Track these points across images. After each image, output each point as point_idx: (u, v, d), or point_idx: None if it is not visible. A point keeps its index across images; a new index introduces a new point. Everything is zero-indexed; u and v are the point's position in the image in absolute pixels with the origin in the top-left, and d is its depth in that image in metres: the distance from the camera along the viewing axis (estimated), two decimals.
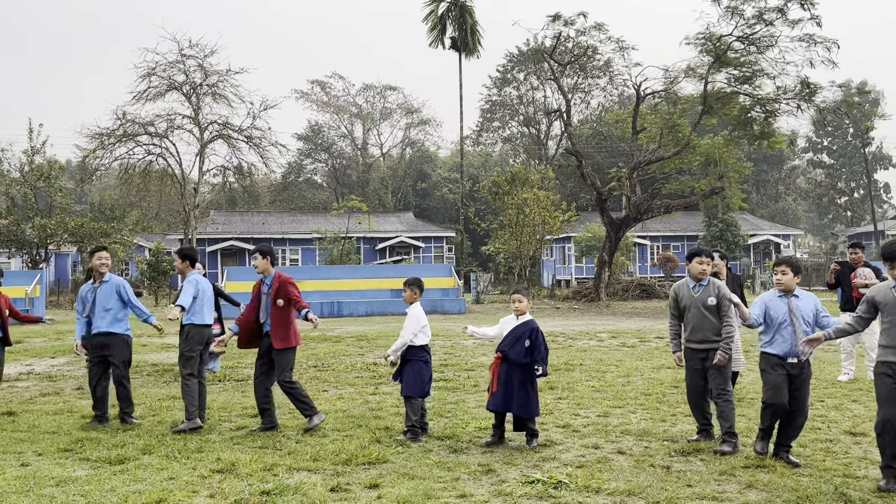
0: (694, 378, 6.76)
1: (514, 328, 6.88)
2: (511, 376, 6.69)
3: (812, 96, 27.40)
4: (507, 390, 6.67)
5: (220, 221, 47.50)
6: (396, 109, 65.92)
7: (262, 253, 7.54)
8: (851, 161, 64.35)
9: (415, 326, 7.08)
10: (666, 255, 46.45)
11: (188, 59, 36.46)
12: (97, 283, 7.85)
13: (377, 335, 17.38)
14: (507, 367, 6.73)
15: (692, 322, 6.72)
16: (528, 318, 6.93)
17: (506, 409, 6.70)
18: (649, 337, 16.74)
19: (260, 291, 7.48)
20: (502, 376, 6.73)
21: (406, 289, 7.31)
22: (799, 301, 6.16)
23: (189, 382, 7.47)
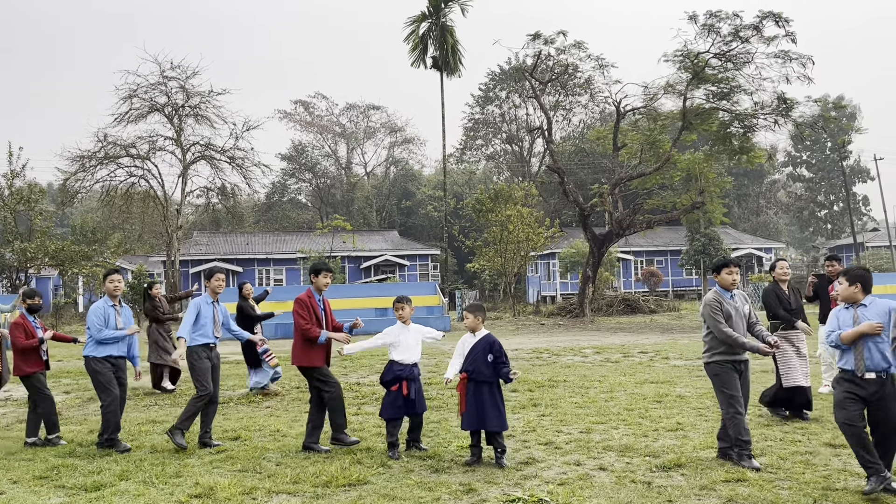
0: (738, 387, 6.64)
1: (473, 346, 6.88)
2: (480, 393, 6.71)
3: (789, 111, 27.79)
4: (479, 408, 6.68)
5: (203, 242, 47.23)
6: (380, 128, 66.14)
7: (329, 272, 7.86)
8: (830, 174, 65.21)
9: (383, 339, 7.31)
10: (650, 270, 46.74)
11: (170, 81, 36.45)
12: (118, 306, 7.90)
13: (361, 355, 17.29)
14: (474, 386, 6.74)
15: (735, 331, 6.68)
16: (484, 332, 6.95)
17: (480, 426, 6.72)
18: (633, 352, 16.77)
19: (319, 307, 7.63)
20: (471, 395, 6.75)
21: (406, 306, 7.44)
22: (867, 311, 5.73)
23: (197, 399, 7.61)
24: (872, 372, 5.53)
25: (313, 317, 7.46)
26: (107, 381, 7.65)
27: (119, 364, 7.82)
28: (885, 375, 5.54)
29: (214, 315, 7.83)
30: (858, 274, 5.84)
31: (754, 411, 8.78)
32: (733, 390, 6.58)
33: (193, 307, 7.76)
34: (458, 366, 7.02)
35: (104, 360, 7.68)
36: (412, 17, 44.21)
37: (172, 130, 37.47)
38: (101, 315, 7.72)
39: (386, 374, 7.29)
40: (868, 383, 5.53)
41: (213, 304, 7.88)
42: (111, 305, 7.82)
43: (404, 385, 7.11)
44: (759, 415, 8.65)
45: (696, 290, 47.61)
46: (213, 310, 7.85)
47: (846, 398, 5.58)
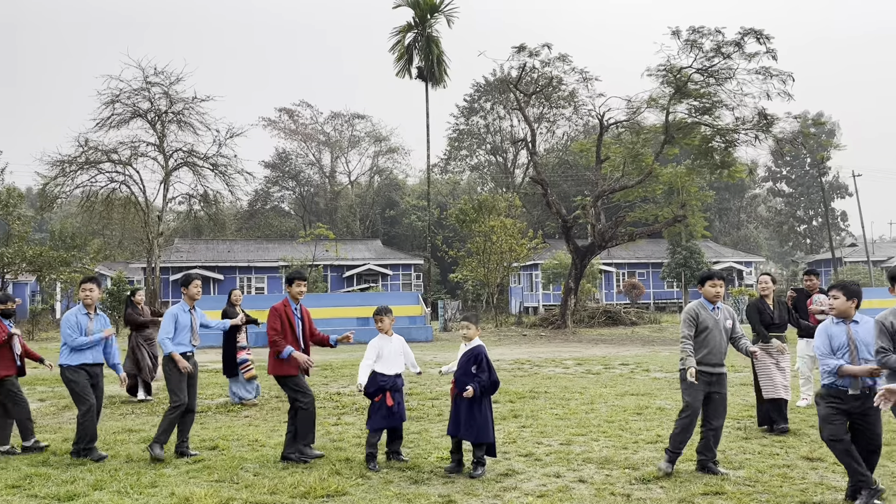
0: (701, 399, 6.68)
1: (463, 354, 6.97)
2: (461, 402, 6.78)
3: (769, 127, 28.16)
4: (457, 415, 6.77)
5: (184, 249, 46.88)
6: (365, 137, 66.10)
7: (305, 280, 7.75)
8: (809, 190, 66.05)
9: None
10: (631, 282, 46.98)
11: (153, 87, 36.21)
12: (92, 314, 7.76)
13: (342, 364, 17.21)
14: (458, 394, 6.82)
15: (711, 344, 6.69)
16: (476, 343, 6.99)
17: (455, 433, 6.77)
18: (614, 364, 16.83)
19: (295, 317, 7.50)
20: (461, 405, 6.81)
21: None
22: (860, 328, 5.71)
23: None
24: (867, 388, 5.57)
25: (286, 327, 7.38)
26: (82, 389, 7.52)
27: (94, 371, 7.68)
28: (868, 392, 5.58)
29: (192, 323, 7.76)
30: (855, 289, 5.83)
31: (732, 424, 8.82)
32: (690, 398, 6.65)
33: (171, 317, 7.70)
34: (451, 368, 7.10)
35: (79, 369, 7.55)
36: (398, 28, 44.36)
37: (155, 136, 37.20)
38: (73, 324, 7.58)
39: (369, 385, 7.26)
40: (852, 398, 5.57)
41: (189, 312, 7.80)
42: (84, 314, 7.68)
43: (388, 396, 7.09)
44: (737, 427, 8.69)
45: (677, 302, 47.91)
46: (191, 317, 7.78)
47: (832, 413, 5.60)
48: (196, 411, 7.97)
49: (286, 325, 7.39)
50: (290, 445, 7.35)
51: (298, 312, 7.57)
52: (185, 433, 7.66)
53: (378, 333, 7.42)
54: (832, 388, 5.65)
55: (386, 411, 7.07)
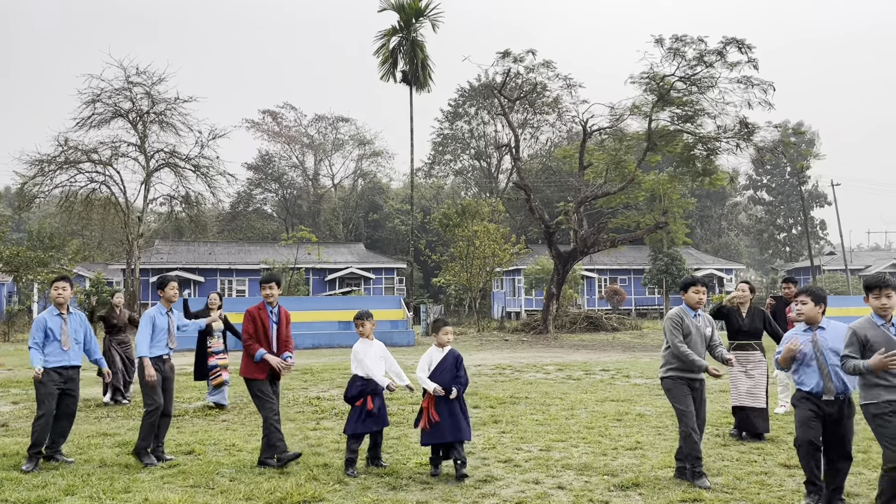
0: (690, 403, 6.68)
1: (442, 360, 6.99)
2: (452, 405, 6.81)
3: (750, 135, 28.40)
4: (454, 419, 6.76)
5: (164, 251, 46.45)
6: (348, 141, 65.94)
7: (278, 283, 7.54)
8: (789, 198, 66.78)
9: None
10: (613, 288, 47.21)
11: (135, 87, 35.89)
12: (65, 314, 7.54)
13: (322, 368, 17.08)
14: (446, 399, 6.80)
15: (692, 349, 6.73)
16: (450, 347, 7.09)
17: (456, 437, 6.74)
18: (595, 369, 16.85)
19: (270, 320, 7.37)
20: (444, 408, 6.79)
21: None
22: (826, 335, 5.72)
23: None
24: (840, 394, 5.59)
25: (260, 330, 7.29)
26: (45, 393, 7.28)
27: (68, 375, 7.46)
28: (842, 397, 5.61)
29: (169, 326, 7.66)
30: (822, 294, 5.89)
31: (711, 431, 8.85)
32: (683, 405, 6.64)
33: (148, 320, 7.57)
34: (426, 378, 7.01)
35: (48, 371, 7.34)
36: (383, 31, 44.31)
37: (136, 137, 36.86)
38: (41, 328, 7.38)
39: (350, 389, 7.21)
40: (827, 404, 5.59)
41: (167, 315, 7.70)
42: (56, 315, 7.48)
43: (369, 400, 7.04)
44: (715, 434, 8.72)
45: (658, 308, 48.18)
46: (168, 320, 7.67)
47: (810, 417, 5.62)
48: (172, 415, 7.86)
49: (259, 329, 7.30)
50: (267, 450, 7.27)
51: (275, 316, 7.44)
52: (161, 437, 7.56)
53: (359, 338, 7.38)
54: (809, 394, 5.68)
55: (366, 416, 7.02)
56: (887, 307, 5.22)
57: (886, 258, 59.96)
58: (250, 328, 7.30)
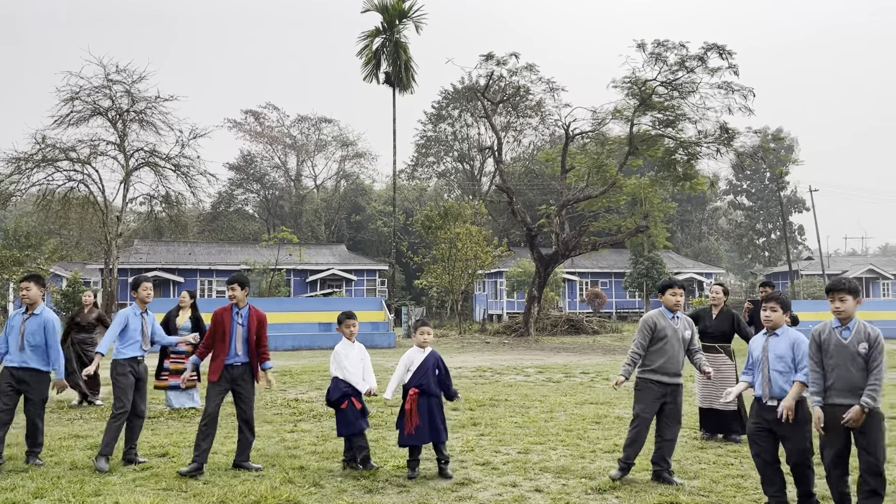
0: (653, 411, 6.71)
1: (423, 361, 6.96)
2: (433, 407, 6.82)
3: (731, 141, 28.64)
4: (433, 421, 6.77)
5: (143, 251, 45.97)
6: (331, 142, 65.71)
7: (240, 283, 7.29)
8: (769, 204, 67.45)
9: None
10: (594, 291, 47.41)
11: (115, 85, 35.45)
12: (27, 314, 7.32)
13: (302, 370, 16.97)
14: (427, 400, 6.82)
15: (669, 353, 6.71)
16: (430, 348, 7.08)
17: (435, 439, 6.77)
18: (575, 372, 16.88)
19: (234, 322, 7.20)
20: (424, 410, 6.78)
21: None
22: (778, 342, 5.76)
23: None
24: (776, 399, 5.61)
25: (219, 332, 7.15)
26: None
27: (22, 377, 7.20)
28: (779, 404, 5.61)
29: (143, 327, 7.52)
30: (788, 302, 5.95)
31: (688, 434, 8.88)
32: (641, 408, 6.69)
33: (121, 319, 7.44)
34: (395, 385, 7.00)
35: (4, 372, 7.21)
36: (366, 32, 44.20)
37: (115, 135, 36.39)
38: (5, 327, 7.29)
39: (332, 392, 7.15)
40: (772, 411, 5.60)
41: (141, 316, 7.57)
42: (23, 313, 7.33)
43: (354, 401, 7.01)
44: (692, 437, 8.75)
45: (638, 311, 48.43)
46: (142, 321, 7.54)
47: (756, 430, 5.71)
48: (146, 417, 7.72)
49: (218, 330, 7.16)
50: (242, 453, 7.19)
51: (240, 318, 7.21)
52: (133, 440, 7.43)
53: (342, 338, 7.33)
54: (757, 399, 5.78)
55: (354, 415, 6.98)
56: (840, 310, 5.24)
57: (863, 263, 60.75)
58: (210, 329, 7.24)
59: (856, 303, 5.22)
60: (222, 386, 7.14)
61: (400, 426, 6.91)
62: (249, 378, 7.28)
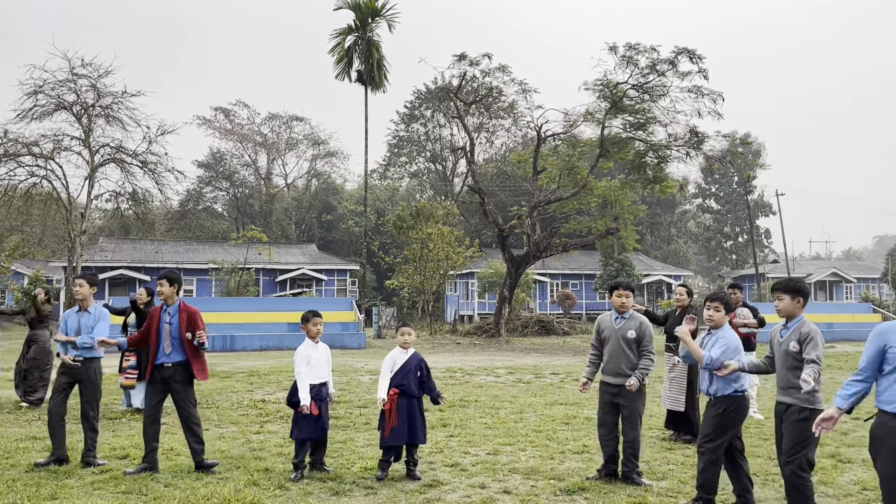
0: (605, 412, 6.75)
1: (406, 362, 6.91)
2: (412, 408, 6.77)
3: (700, 144, 28.97)
4: (412, 422, 6.73)
5: (109, 249, 45.07)
6: (303, 140, 65.16)
7: (169, 280, 7.13)
8: (736, 207, 68.45)
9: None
10: (564, 293, 47.62)
11: (80, 79, 34.70)
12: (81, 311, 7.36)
13: (269, 371, 16.74)
14: (407, 401, 6.76)
15: (609, 354, 6.76)
16: (413, 350, 7.02)
17: (412, 441, 6.73)
18: (545, 373, 16.90)
19: (163, 322, 7.02)
20: (404, 411, 6.72)
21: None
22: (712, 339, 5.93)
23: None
24: (709, 395, 5.79)
25: (150, 331, 7.04)
26: None
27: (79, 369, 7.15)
28: (710, 398, 5.77)
29: (79, 325, 7.33)
30: (730, 302, 6.10)
31: (657, 434, 8.91)
32: (598, 410, 6.87)
33: (64, 318, 7.40)
34: (386, 385, 6.87)
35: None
36: (338, 30, 43.90)
37: (80, 130, 35.62)
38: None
39: (294, 393, 7.00)
40: (710, 407, 5.78)
41: (77, 314, 7.41)
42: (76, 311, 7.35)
43: (313, 405, 6.84)
44: (661, 438, 8.76)
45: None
46: (77, 319, 7.36)
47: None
48: (90, 418, 7.19)
49: (149, 331, 7.07)
50: (194, 455, 7.01)
51: (168, 316, 7.04)
52: (86, 442, 7.17)
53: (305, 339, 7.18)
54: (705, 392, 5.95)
55: (311, 421, 6.81)
56: (778, 308, 5.36)
57: (827, 267, 61.95)
58: (143, 327, 7.17)
59: (795, 302, 5.26)
60: (157, 386, 7.03)
61: (381, 427, 6.81)
62: (182, 378, 7.01)
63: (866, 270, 63.68)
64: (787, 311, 5.28)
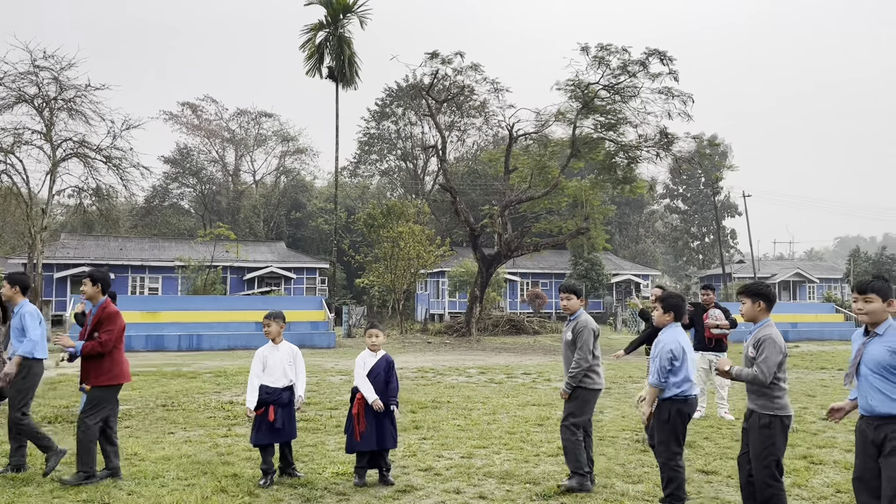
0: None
1: (374, 365, 6.75)
2: (380, 414, 6.58)
3: (670, 145, 29.20)
4: (380, 427, 6.55)
5: (71, 246, 44.04)
6: (272, 136, 64.36)
7: (92, 279, 6.79)
8: (703, 208, 69.41)
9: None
10: (534, 292, 47.77)
11: (42, 71, 33.81)
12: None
13: (237, 371, 16.44)
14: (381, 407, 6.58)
15: (562, 357, 6.81)
16: (383, 352, 6.86)
17: (380, 446, 6.55)
18: (516, 373, 16.86)
19: (88, 321, 6.77)
20: (371, 415, 6.56)
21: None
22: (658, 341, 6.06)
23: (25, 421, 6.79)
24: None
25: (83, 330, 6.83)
26: None
27: None
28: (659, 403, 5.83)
29: (7, 328, 7.07)
30: (672, 302, 6.11)
31: (631, 437, 8.88)
32: None
33: None
34: (369, 387, 6.62)
35: None
36: (309, 25, 43.41)
37: (42, 124, 34.73)
38: None
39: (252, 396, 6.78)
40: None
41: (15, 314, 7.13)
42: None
43: (271, 410, 6.60)
44: (635, 440, 8.73)
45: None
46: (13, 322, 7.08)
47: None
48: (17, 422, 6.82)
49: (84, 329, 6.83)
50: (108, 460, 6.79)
51: (90, 317, 6.76)
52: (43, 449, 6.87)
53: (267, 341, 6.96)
54: None
55: (267, 427, 6.56)
56: (741, 312, 5.42)
57: (790, 267, 63.07)
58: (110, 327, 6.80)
59: (756, 306, 5.25)
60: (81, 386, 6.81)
61: (348, 431, 6.65)
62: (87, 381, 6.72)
63: (828, 271, 65.01)
64: (750, 315, 5.30)
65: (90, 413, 6.51)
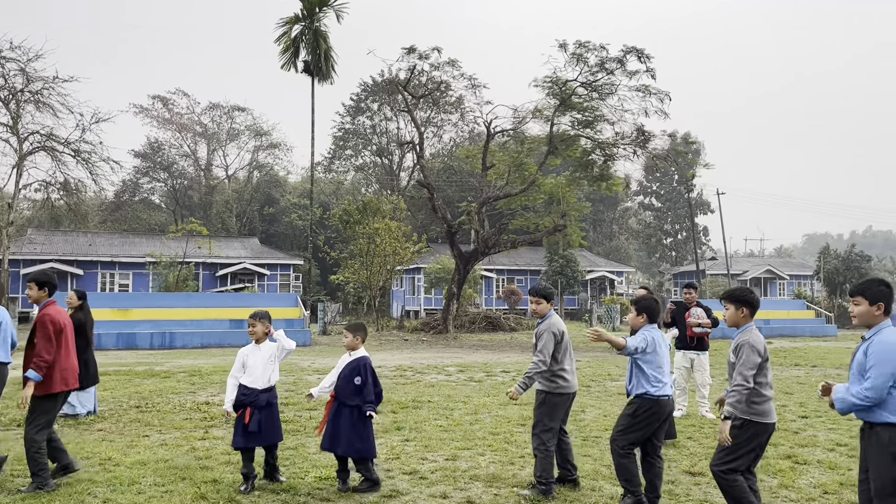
0: None
1: (346, 365, 6.58)
2: (340, 415, 6.38)
3: (646, 143, 29.32)
4: (335, 430, 6.35)
5: (38, 241, 43.05)
6: (244, 131, 63.59)
7: (37, 283, 6.53)
8: (676, 205, 70.06)
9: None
10: (510, 288, 47.82)
11: (8, 62, 33.00)
12: None
13: (212, 370, 16.14)
14: (337, 406, 6.42)
15: None
16: (361, 354, 6.63)
17: (331, 449, 6.37)
18: (495, 371, 16.78)
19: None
20: (332, 416, 6.42)
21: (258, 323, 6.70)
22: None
23: None
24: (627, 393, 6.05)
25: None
26: None
27: None
28: (629, 395, 5.95)
29: None
30: (645, 304, 6.17)
31: None
32: None
33: None
34: (326, 384, 6.60)
35: None
36: (285, 18, 42.94)
37: (8, 116, 33.95)
38: None
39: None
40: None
41: None
42: None
43: (247, 412, 6.41)
44: None
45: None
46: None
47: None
48: None
49: None
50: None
51: None
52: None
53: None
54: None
55: (243, 430, 6.38)
56: (725, 318, 5.44)
57: (761, 264, 63.94)
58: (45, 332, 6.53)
59: (739, 312, 5.21)
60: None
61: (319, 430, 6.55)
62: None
63: (798, 268, 66.02)
64: (733, 320, 5.27)
65: (35, 426, 6.16)
